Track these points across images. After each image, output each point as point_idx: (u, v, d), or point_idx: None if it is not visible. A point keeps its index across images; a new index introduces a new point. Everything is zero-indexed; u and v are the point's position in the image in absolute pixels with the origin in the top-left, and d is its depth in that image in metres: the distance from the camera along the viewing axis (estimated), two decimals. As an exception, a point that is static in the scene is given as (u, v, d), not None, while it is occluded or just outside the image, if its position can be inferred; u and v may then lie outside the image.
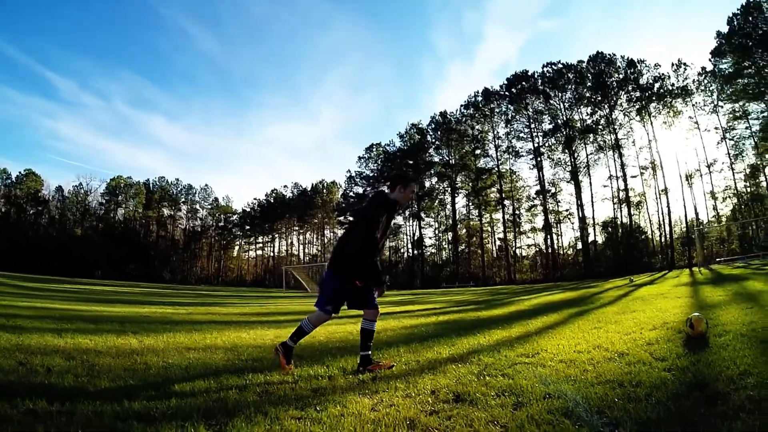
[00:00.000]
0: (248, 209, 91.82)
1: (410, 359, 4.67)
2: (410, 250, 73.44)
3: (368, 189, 74.71)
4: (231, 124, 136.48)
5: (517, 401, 2.99)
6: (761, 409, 2.47)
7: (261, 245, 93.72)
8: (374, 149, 76.04)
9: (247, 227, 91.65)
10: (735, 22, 53.25)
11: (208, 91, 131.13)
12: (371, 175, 75.62)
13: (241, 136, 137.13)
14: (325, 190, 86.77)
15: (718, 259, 43.59)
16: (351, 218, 68.80)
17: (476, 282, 57.24)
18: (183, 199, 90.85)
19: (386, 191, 4.47)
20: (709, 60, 55.71)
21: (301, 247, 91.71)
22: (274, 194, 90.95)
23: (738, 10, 52.78)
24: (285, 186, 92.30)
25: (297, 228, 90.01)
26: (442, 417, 2.71)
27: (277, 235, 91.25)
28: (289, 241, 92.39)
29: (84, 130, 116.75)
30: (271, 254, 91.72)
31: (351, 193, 78.23)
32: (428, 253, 72.61)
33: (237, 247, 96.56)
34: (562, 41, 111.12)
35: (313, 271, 56.92)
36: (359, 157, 77.41)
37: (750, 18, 52.20)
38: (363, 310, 4.36)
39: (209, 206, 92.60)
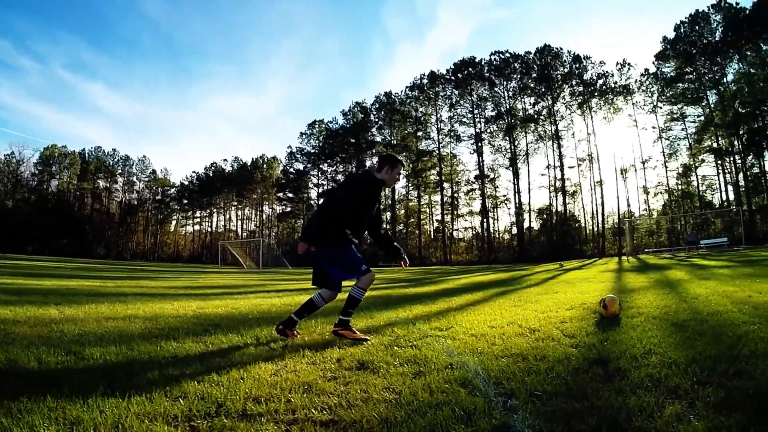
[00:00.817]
0: (187, 182, 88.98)
1: (325, 330, 4.79)
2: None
3: (308, 166, 73.61)
4: (173, 93, 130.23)
5: (418, 371, 3.08)
6: (659, 387, 2.54)
7: (199, 220, 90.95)
8: (317, 126, 74.87)
9: (185, 201, 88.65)
10: (682, 29, 56.31)
11: (152, 58, 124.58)
12: (312, 151, 74.62)
13: (184, 107, 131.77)
14: (265, 166, 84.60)
15: (646, 250, 45.75)
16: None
17: (412, 262, 56.56)
18: (119, 171, 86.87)
19: (374, 171, 4.65)
20: (653, 63, 58.52)
21: (240, 222, 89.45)
22: (213, 168, 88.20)
23: (686, 18, 55.83)
24: (225, 160, 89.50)
25: (236, 203, 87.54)
26: (340, 383, 2.81)
27: (215, 210, 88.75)
28: (228, 216, 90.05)
29: (18, 95, 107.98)
30: (209, 230, 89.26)
31: (291, 170, 77.02)
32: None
33: (174, 222, 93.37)
34: (513, 31, 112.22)
35: (250, 247, 56.16)
36: (301, 133, 76.27)
37: (696, 27, 55.33)
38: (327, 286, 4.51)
39: (147, 179, 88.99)
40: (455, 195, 65.88)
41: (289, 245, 72.96)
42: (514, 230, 62.07)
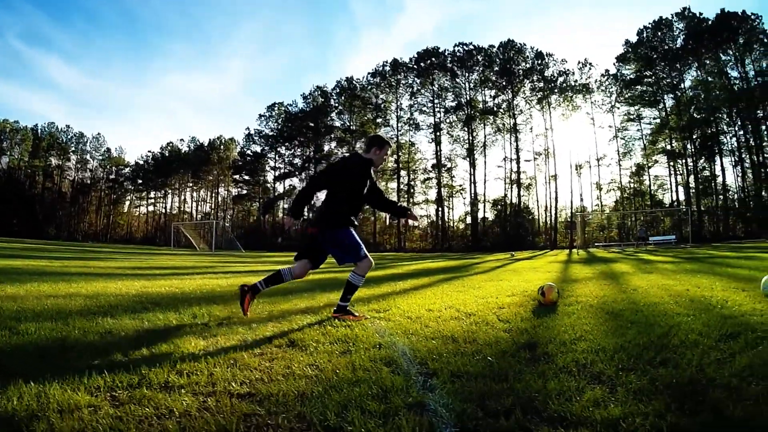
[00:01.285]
0: (142, 162, 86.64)
1: (264, 310, 4.90)
2: (307, 214, 70.36)
3: (266, 148, 72.17)
4: (132, 70, 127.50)
5: (347, 349, 3.15)
6: (583, 372, 2.56)
7: (153, 201, 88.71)
8: (276, 108, 73.80)
9: (140, 182, 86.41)
10: (644, 34, 58.50)
11: (112, 33, 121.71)
12: (270, 134, 73.47)
13: (142, 85, 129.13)
14: (222, 147, 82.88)
15: (596, 244, 47.89)
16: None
17: (367, 247, 56.64)
18: (73, 149, 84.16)
19: (361, 152, 4.81)
20: (614, 64, 60.47)
21: (195, 204, 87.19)
22: (170, 148, 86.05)
23: (649, 24, 58.03)
24: (182, 140, 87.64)
25: (191, 184, 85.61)
26: (265, 358, 2.88)
27: (170, 191, 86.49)
28: (183, 197, 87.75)
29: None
30: (163, 211, 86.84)
31: (248, 152, 75.79)
32: None
33: (128, 203, 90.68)
34: (479, 24, 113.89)
35: (204, 229, 55.27)
36: (260, 115, 74.95)
37: (659, 33, 57.62)
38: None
39: (101, 157, 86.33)
40: (412, 183, 65.91)
41: (243, 228, 71.61)
42: (469, 220, 62.64)
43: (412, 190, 65.57)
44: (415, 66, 65.18)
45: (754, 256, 14.65)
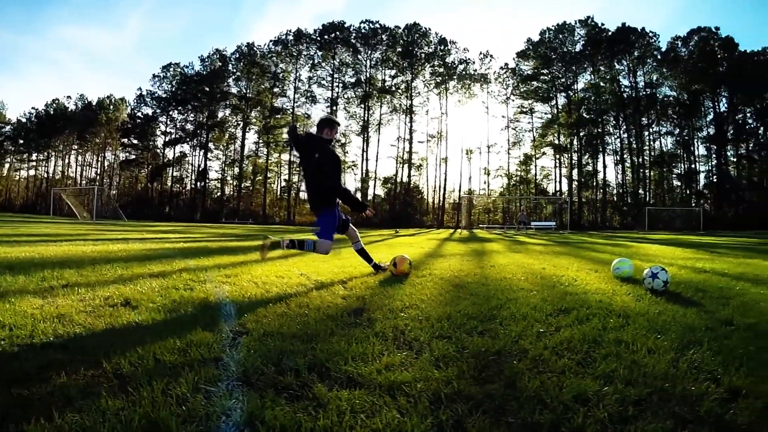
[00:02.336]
0: (24, 120, 79.94)
1: (117, 273, 4.89)
2: (194, 182, 68.56)
3: (158, 111, 68.28)
4: (20, 14, 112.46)
5: (175, 308, 3.27)
6: (398, 338, 2.64)
7: (35, 164, 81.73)
8: (172, 69, 70.08)
9: (21, 142, 79.27)
10: (547, 35, 62.52)
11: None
12: (164, 96, 69.86)
13: (32, 31, 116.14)
14: (112, 107, 77.44)
15: (481, 225, 51.08)
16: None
17: (255, 220, 57.59)
18: (-59, 99, 76.07)
19: (314, 132, 5.18)
20: (514, 59, 63.92)
21: (80, 169, 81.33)
22: (55, 105, 79.74)
23: (553, 26, 62.36)
24: (69, 97, 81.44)
25: (76, 147, 79.46)
26: (94, 316, 2.95)
27: (53, 154, 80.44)
28: (67, 161, 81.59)
29: None
30: (46, 175, 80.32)
31: (139, 114, 72.00)
32: (212, 187, 69.08)
33: (7, 166, 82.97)
34: (390, 4, 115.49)
35: (88, 197, 51.45)
36: (154, 75, 71.03)
37: (561, 36, 61.95)
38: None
39: (-23, 113, 78.45)
40: (305, 156, 64.18)
41: (130, 196, 67.64)
42: (359, 196, 60.97)
43: (305, 164, 64.08)
44: (318, 38, 64.47)
45: (621, 243, 15.45)
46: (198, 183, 67.25)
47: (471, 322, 2.98)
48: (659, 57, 60.85)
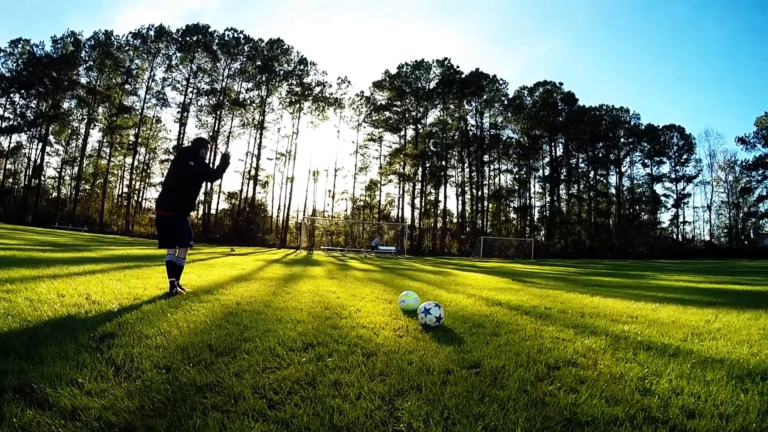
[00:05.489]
0: None
1: None
2: (28, 179, 61.25)
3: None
4: None
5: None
6: (128, 365, 2.74)
7: None
8: (21, 45, 62.44)
9: None
10: (404, 69, 66.51)
11: None
12: (7, 75, 61.28)
13: None
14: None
15: (322, 247, 50.86)
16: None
17: (90, 227, 53.30)
18: None
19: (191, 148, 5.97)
20: (369, 88, 67.73)
21: None
22: None
23: (411, 62, 66.62)
24: None
25: None
26: None
27: None
28: None
29: None
30: None
31: (-27, 92, 63.31)
32: (48, 186, 62.68)
33: None
34: (264, 12, 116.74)
35: None
36: (0, 49, 62.30)
37: (417, 72, 66.30)
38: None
39: None
40: (150, 162, 62.99)
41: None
42: (202, 208, 60.82)
43: (148, 170, 62.64)
44: (180, 39, 62.14)
45: (446, 271, 15.98)
46: (32, 180, 60.31)
47: (206, 353, 2.99)
48: (506, 102, 67.09)
